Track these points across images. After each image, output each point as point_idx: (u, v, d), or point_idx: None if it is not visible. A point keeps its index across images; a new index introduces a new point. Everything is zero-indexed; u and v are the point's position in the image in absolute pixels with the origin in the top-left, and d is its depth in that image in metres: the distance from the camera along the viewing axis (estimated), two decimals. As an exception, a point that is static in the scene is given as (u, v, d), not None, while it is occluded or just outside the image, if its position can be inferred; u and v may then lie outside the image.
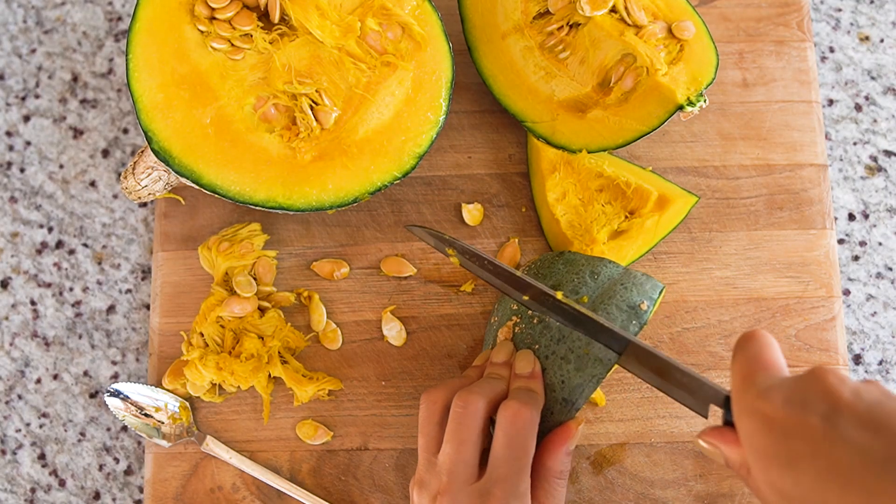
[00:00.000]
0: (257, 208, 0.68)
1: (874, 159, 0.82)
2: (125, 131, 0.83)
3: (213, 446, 0.73)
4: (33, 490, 0.77)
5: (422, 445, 0.62)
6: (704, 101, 0.68)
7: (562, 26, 0.72)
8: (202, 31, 0.68)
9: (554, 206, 0.74)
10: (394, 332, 0.75)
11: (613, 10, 0.70)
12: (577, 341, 0.62)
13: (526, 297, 0.65)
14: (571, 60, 0.73)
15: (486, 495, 0.57)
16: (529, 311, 0.65)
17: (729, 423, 0.53)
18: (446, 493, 0.58)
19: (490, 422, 0.62)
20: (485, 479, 0.58)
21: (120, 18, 0.85)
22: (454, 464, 0.59)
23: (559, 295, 0.63)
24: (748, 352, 0.51)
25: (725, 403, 0.53)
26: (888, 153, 0.82)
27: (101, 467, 0.77)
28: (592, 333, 0.61)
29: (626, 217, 0.73)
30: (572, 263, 0.67)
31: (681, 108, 0.68)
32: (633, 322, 0.63)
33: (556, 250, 0.75)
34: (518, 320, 0.66)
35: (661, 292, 0.65)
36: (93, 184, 0.82)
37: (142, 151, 0.70)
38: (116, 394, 0.74)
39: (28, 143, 0.83)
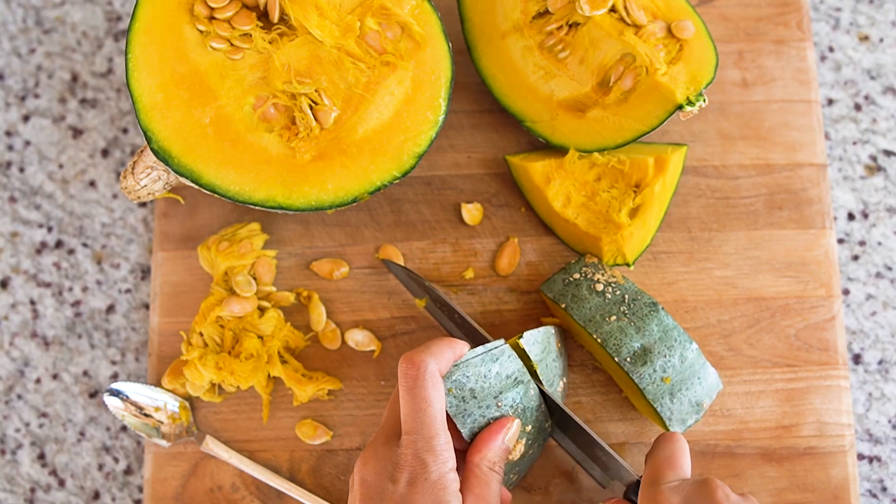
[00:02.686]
0: (257, 208, 0.68)
1: (874, 159, 0.82)
2: (125, 131, 0.83)
3: (212, 446, 0.73)
4: (33, 490, 0.77)
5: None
6: (704, 100, 0.68)
7: (561, 26, 0.72)
8: (201, 31, 0.68)
9: (564, 213, 0.74)
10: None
11: (613, 9, 0.70)
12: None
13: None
14: (571, 60, 0.73)
15: (396, 449, 0.58)
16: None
17: (628, 498, 0.63)
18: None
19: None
20: (401, 438, 0.58)
21: (119, 18, 0.85)
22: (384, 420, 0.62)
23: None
24: (664, 451, 0.62)
25: (632, 486, 0.63)
26: (888, 153, 0.82)
27: (100, 467, 0.77)
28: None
29: (634, 192, 0.73)
30: (667, 333, 0.67)
31: (680, 107, 0.68)
32: (694, 416, 0.68)
33: (582, 251, 0.75)
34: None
35: (717, 392, 0.69)
36: (92, 183, 0.82)
37: (141, 151, 0.70)
38: (116, 393, 0.73)
39: (27, 143, 0.83)
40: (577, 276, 0.71)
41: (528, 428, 0.63)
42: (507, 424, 0.61)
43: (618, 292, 0.69)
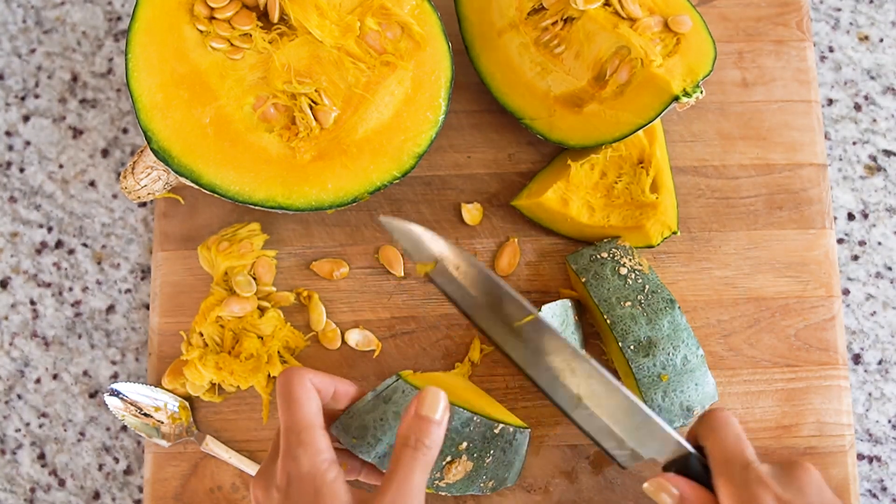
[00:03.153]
0: (257, 208, 0.68)
1: (873, 159, 0.82)
2: (125, 131, 0.83)
3: (212, 446, 0.73)
4: (33, 490, 0.77)
5: None
6: (701, 91, 0.68)
7: (556, 21, 0.72)
8: (201, 31, 0.68)
9: (595, 222, 0.74)
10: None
11: (607, 3, 0.70)
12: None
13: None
14: (566, 55, 0.73)
15: (276, 466, 0.58)
16: None
17: (681, 472, 0.60)
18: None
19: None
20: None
21: (119, 18, 0.85)
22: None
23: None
24: (729, 428, 0.59)
25: (675, 461, 0.60)
26: (887, 153, 0.82)
27: (100, 467, 0.77)
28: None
29: (642, 167, 0.74)
30: (677, 332, 0.68)
31: (676, 98, 0.68)
32: (681, 420, 0.67)
33: (629, 244, 0.74)
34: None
35: (711, 403, 0.69)
36: (92, 184, 0.82)
37: (141, 151, 0.70)
38: (116, 393, 0.73)
39: (28, 143, 0.83)
40: (604, 254, 0.71)
41: (463, 445, 0.62)
42: (420, 395, 0.57)
43: (639, 280, 0.69)
